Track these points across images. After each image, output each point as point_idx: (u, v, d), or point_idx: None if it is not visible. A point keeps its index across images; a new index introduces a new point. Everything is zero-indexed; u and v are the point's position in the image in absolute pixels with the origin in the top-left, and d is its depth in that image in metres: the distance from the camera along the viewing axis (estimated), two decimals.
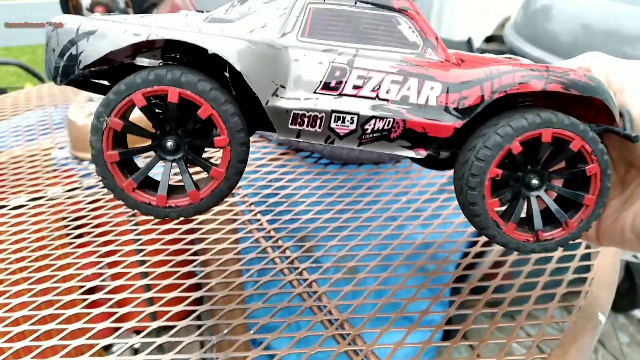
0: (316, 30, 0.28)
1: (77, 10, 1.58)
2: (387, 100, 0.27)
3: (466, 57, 0.29)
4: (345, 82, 0.27)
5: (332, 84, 0.27)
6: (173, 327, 0.38)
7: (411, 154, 0.28)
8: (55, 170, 0.64)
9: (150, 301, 0.41)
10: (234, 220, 0.51)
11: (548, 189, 0.29)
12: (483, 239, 0.48)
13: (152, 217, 0.44)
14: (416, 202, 0.53)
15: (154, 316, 0.40)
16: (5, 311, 0.40)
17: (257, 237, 0.49)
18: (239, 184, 0.56)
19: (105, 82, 0.32)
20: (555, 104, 0.29)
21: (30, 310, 0.40)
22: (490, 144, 0.26)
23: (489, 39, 1.25)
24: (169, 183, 0.29)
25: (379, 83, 0.27)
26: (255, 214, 0.52)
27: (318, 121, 0.27)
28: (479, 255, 0.46)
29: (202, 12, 0.31)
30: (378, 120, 0.27)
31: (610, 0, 0.93)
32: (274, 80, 0.27)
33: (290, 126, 0.28)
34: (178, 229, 0.49)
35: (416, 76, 0.27)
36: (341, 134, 0.28)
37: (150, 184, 0.29)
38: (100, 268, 0.46)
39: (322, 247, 0.47)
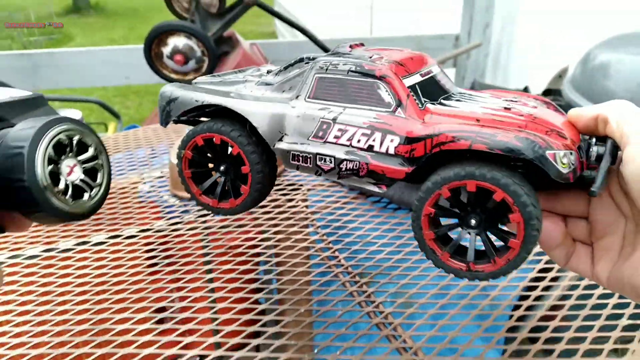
0: (318, 93, 0.36)
1: (158, 57, 1.74)
2: (357, 147, 0.34)
3: (440, 112, 0.34)
4: (329, 133, 0.35)
5: (320, 134, 0.35)
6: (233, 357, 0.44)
7: (376, 189, 0.35)
8: (141, 202, 0.74)
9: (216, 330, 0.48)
10: (310, 256, 0.58)
11: (487, 229, 0.33)
12: (542, 283, 0.52)
13: (213, 251, 0.52)
14: None
15: (218, 345, 0.47)
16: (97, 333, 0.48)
17: (336, 272, 0.55)
18: (318, 224, 0.63)
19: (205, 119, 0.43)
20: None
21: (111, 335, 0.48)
22: (424, 189, 0.32)
23: (546, 93, 1.29)
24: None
25: (353, 135, 0.34)
26: (334, 252, 0.59)
27: (309, 160, 0.36)
28: (537, 298, 0.51)
29: (261, 69, 0.44)
30: (349, 162, 0.35)
31: None
32: (280, 130, 0.37)
33: (291, 162, 0.37)
34: (249, 261, 0.57)
35: (381, 131, 0.33)
36: (325, 169, 0.36)
37: None
38: (171, 296, 0.53)
39: (395, 284, 0.53)
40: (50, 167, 0.31)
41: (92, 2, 7.23)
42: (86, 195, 0.34)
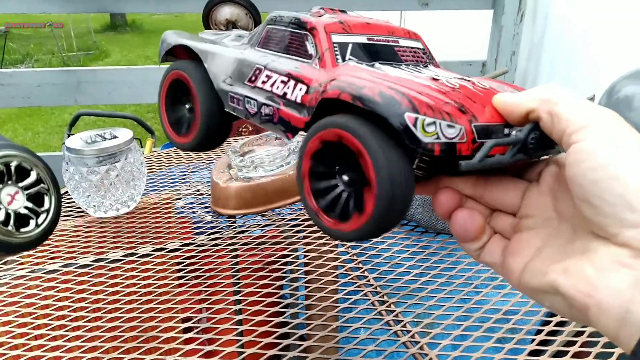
0: (265, 43, 0.38)
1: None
2: (275, 94, 0.35)
3: (353, 68, 0.32)
4: (259, 78, 0.36)
5: (252, 79, 0.37)
6: None
7: (285, 137, 0.36)
8: (183, 217, 0.78)
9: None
10: (338, 275, 0.62)
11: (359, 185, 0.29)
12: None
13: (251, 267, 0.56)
14: None
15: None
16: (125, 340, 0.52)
17: (365, 292, 0.59)
18: (349, 244, 0.67)
19: None
20: None
21: (139, 342, 0.52)
22: (303, 139, 0.32)
23: None
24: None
25: (274, 81, 0.35)
26: (363, 272, 0.62)
27: (240, 102, 0.38)
28: (559, 324, 0.53)
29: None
30: (266, 107, 0.35)
31: None
32: (226, 73, 0.39)
33: (230, 103, 0.39)
34: (273, 284, 0.60)
35: (295, 79, 0.34)
36: (251, 113, 0.37)
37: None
38: (201, 308, 0.57)
39: (422, 305, 0.56)
40: None
41: (128, 20, 7.50)
42: (32, 223, 0.31)
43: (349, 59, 0.33)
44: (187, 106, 0.44)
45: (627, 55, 1.48)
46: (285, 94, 0.34)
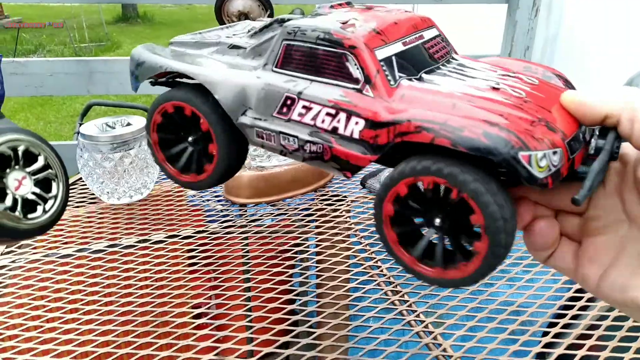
0: (286, 63, 0.32)
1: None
2: (321, 129, 0.30)
3: (414, 91, 0.29)
4: (293, 110, 0.31)
5: (284, 111, 0.32)
6: None
7: (341, 175, 0.31)
8: (189, 205, 0.78)
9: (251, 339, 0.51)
10: (350, 264, 0.62)
11: (455, 230, 0.28)
12: (578, 303, 0.54)
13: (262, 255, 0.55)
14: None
15: (251, 353, 0.49)
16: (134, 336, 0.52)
17: (378, 282, 0.59)
18: (361, 234, 0.66)
19: None
20: None
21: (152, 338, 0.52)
22: (383, 184, 0.28)
23: None
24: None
25: (317, 113, 0.30)
26: (376, 262, 0.62)
27: (273, 137, 0.32)
28: (574, 317, 0.53)
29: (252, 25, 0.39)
30: (312, 144, 0.31)
31: None
32: (244, 103, 0.33)
33: (256, 138, 0.33)
34: (285, 272, 0.60)
35: (346, 111, 0.29)
36: (290, 150, 0.32)
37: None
38: (212, 295, 0.57)
39: (435, 296, 0.55)
40: None
41: (140, 12, 7.53)
42: (40, 209, 0.30)
43: (399, 76, 0.30)
44: (189, 139, 0.37)
45: None
46: (335, 128, 0.30)
